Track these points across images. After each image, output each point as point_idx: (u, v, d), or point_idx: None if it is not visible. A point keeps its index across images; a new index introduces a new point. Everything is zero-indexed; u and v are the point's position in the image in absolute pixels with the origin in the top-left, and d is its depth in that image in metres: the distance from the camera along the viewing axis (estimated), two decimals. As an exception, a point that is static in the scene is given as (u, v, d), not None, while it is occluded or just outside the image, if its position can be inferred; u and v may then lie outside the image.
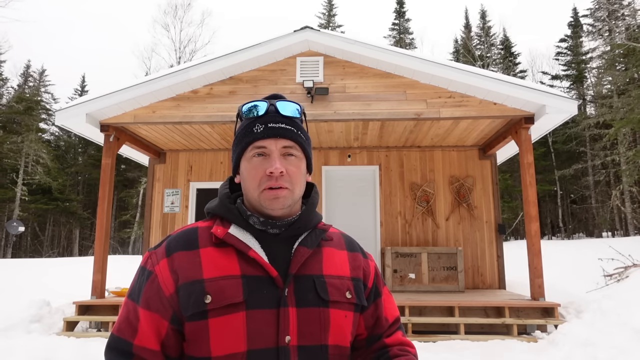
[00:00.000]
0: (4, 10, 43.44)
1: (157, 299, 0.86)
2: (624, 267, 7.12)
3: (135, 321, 0.86)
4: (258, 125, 0.93)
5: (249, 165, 0.92)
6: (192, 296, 0.84)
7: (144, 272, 0.90)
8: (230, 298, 0.83)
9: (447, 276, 7.17)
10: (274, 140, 0.91)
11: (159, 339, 0.85)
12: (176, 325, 0.86)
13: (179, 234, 0.93)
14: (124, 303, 0.90)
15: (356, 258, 1.01)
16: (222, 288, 0.84)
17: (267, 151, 0.91)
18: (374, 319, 1.00)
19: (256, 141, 0.92)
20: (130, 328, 0.86)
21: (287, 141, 0.92)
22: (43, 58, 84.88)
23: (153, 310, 0.86)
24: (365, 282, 0.99)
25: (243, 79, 6.63)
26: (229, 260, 0.88)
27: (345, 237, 1.05)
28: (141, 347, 0.85)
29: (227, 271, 0.86)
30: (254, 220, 0.92)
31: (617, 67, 24.63)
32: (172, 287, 0.86)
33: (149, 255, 0.92)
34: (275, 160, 0.89)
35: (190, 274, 0.86)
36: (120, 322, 0.88)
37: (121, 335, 0.87)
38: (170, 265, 0.88)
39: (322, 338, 0.87)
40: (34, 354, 4.54)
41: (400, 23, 37.85)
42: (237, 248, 0.89)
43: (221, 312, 0.83)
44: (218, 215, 0.96)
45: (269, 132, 0.91)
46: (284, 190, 0.90)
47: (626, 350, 4.34)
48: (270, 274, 0.87)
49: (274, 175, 0.89)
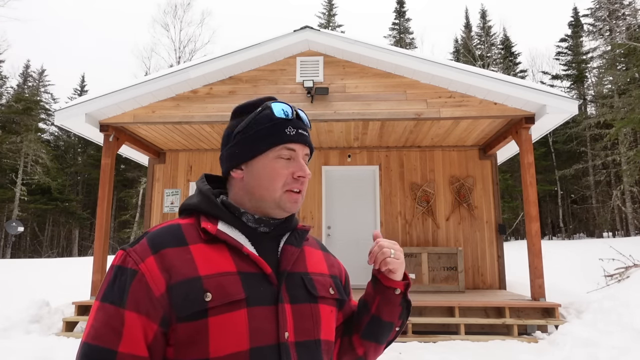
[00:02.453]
0: (3, 9, 43.44)
1: (147, 299, 0.79)
2: (625, 267, 7.11)
3: (119, 326, 0.77)
4: (290, 127, 0.94)
5: (274, 164, 0.91)
6: (190, 295, 0.79)
7: (124, 272, 0.81)
8: (232, 295, 0.81)
9: (448, 276, 7.16)
10: (302, 146, 0.95)
11: (147, 344, 0.78)
12: (164, 328, 0.79)
13: (161, 230, 0.87)
14: (97, 308, 0.80)
15: (329, 257, 1.06)
16: (222, 285, 0.81)
17: (295, 155, 0.94)
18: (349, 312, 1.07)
19: (289, 143, 0.93)
20: (113, 334, 0.77)
21: (307, 149, 0.97)
22: (42, 58, 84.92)
23: (142, 313, 0.78)
24: (341, 279, 1.05)
25: (243, 79, 6.61)
26: (222, 256, 0.85)
27: (315, 238, 1.10)
28: (128, 354, 0.76)
29: (223, 268, 0.83)
30: (247, 217, 0.91)
31: (618, 66, 24.63)
32: (162, 286, 0.80)
33: (126, 254, 0.83)
34: (304, 165, 0.94)
35: (184, 271, 0.81)
36: (97, 329, 0.78)
37: (101, 343, 0.77)
38: (160, 262, 0.81)
39: (315, 333, 0.89)
40: (33, 354, 4.53)
41: (400, 23, 37.85)
42: (229, 245, 0.87)
43: (223, 310, 0.80)
44: (201, 211, 0.92)
45: (300, 137, 0.94)
46: (301, 196, 0.94)
47: (627, 351, 4.32)
48: (265, 271, 0.86)
49: (300, 179, 0.93)
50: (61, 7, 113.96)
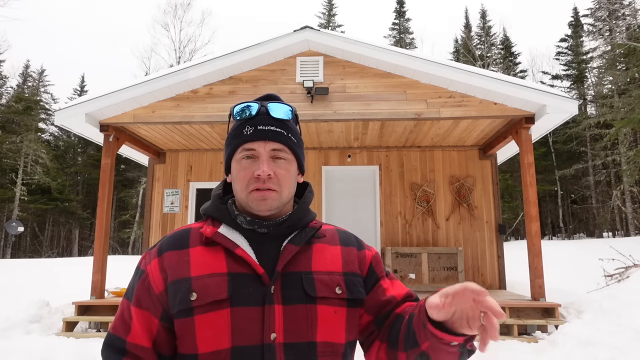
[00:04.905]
0: (3, 9, 43.43)
1: (148, 297, 0.90)
2: (625, 268, 7.11)
3: (128, 319, 0.90)
4: (248, 127, 0.93)
5: (238, 167, 0.93)
6: (179, 294, 0.86)
7: (137, 272, 0.94)
8: (214, 295, 0.85)
9: (448, 276, 7.16)
10: (263, 142, 0.92)
11: (150, 336, 0.89)
12: (166, 323, 0.89)
13: (172, 235, 0.96)
14: (121, 302, 0.95)
15: (350, 252, 0.98)
16: (206, 285, 0.86)
17: (256, 153, 0.92)
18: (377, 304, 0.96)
19: (245, 143, 0.93)
20: (124, 326, 0.90)
21: (276, 144, 0.93)
22: (42, 58, 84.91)
23: (144, 308, 0.89)
24: (361, 274, 0.96)
25: (243, 79, 6.61)
26: (216, 258, 0.89)
27: (340, 232, 1.03)
28: (134, 344, 0.88)
29: (214, 269, 0.88)
30: (241, 219, 0.94)
31: (618, 66, 24.63)
32: (161, 285, 0.89)
33: (144, 256, 0.96)
34: (263, 163, 0.90)
35: (179, 272, 0.88)
36: (115, 320, 0.93)
37: (116, 332, 0.91)
38: (161, 264, 0.91)
39: (310, 335, 0.87)
40: (33, 354, 4.53)
41: (400, 23, 37.86)
42: (225, 246, 0.90)
43: (206, 309, 0.84)
44: (210, 215, 0.98)
45: (258, 134, 0.92)
46: (272, 192, 0.90)
47: (627, 351, 4.32)
48: (257, 271, 0.87)
49: (261, 178, 0.90)
50: (61, 7, 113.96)
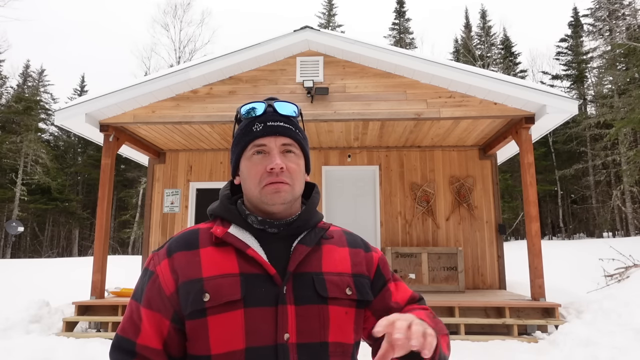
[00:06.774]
0: (3, 9, 43.43)
1: (159, 298, 0.88)
2: (625, 268, 7.11)
3: (138, 321, 0.88)
4: (257, 124, 0.94)
5: (249, 164, 0.94)
6: (191, 295, 0.85)
7: (146, 273, 0.92)
8: (227, 296, 0.84)
9: (447, 276, 7.15)
10: (273, 137, 0.93)
11: (161, 338, 0.87)
12: (178, 325, 0.87)
13: (180, 235, 0.95)
14: (128, 303, 0.93)
15: (358, 254, 0.99)
16: (220, 286, 0.85)
17: (267, 149, 0.93)
18: (383, 307, 0.96)
19: (256, 139, 0.93)
20: (134, 327, 0.88)
21: (286, 139, 0.94)
22: (42, 58, 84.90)
23: (155, 310, 0.87)
24: (369, 275, 0.98)
25: (243, 79, 6.61)
26: (228, 259, 0.89)
27: (347, 234, 1.04)
28: (144, 346, 0.86)
29: (226, 269, 0.87)
30: (252, 219, 0.93)
31: (618, 66, 24.64)
32: (172, 286, 0.88)
33: (152, 257, 0.94)
34: (275, 157, 0.91)
35: (190, 273, 0.87)
36: (124, 322, 0.91)
37: (125, 334, 0.89)
38: (171, 265, 0.89)
39: (322, 335, 0.87)
40: (33, 354, 4.53)
41: (400, 23, 37.86)
42: (236, 247, 0.90)
43: (219, 310, 0.84)
44: (219, 216, 0.97)
45: (268, 130, 0.93)
46: (285, 185, 0.91)
47: (627, 351, 4.32)
48: (269, 272, 0.87)
49: (274, 171, 0.90)
50: (61, 7, 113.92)
